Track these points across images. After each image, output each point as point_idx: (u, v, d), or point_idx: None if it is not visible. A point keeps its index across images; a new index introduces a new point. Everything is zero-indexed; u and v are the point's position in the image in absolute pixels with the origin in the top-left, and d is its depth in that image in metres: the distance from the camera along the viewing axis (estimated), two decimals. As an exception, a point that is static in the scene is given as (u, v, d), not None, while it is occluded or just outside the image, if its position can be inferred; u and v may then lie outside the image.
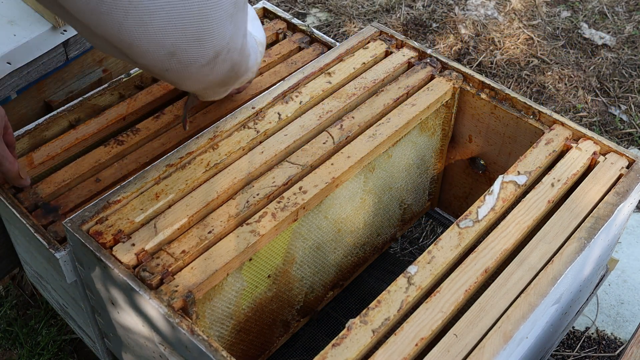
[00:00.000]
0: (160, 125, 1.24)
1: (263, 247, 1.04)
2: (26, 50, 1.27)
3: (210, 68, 0.93)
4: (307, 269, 1.20)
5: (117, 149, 1.20)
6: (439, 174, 1.42)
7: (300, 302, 1.23)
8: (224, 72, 0.97)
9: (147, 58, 0.87)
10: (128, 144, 1.21)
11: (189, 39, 0.85)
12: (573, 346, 1.53)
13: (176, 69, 0.90)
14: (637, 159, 1.12)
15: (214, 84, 1.01)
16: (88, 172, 1.17)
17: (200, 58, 0.89)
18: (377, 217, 1.31)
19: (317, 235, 1.16)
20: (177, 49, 0.86)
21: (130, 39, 0.83)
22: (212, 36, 0.87)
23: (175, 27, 0.83)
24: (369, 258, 1.38)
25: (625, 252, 1.70)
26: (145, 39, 0.83)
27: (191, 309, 0.93)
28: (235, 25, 0.91)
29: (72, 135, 1.22)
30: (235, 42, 0.94)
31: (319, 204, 1.10)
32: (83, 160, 1.18)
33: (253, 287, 1.09)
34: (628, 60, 2.27)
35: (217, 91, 1.10)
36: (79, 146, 1.22)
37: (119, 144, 1.20)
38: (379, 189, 1.26)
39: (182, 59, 0.88)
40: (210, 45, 0.89)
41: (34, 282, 1.41)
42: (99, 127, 1.23)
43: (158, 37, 0.83)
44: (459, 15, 2.44)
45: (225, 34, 0.89)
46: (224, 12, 0.86)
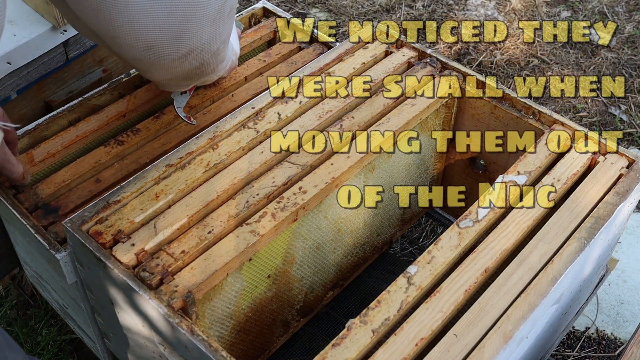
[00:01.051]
0: (160, 125, 1.24)
1: (263, 247, 1.04)
2: (26, 50, 1.27)
3: (181, 62, 0.98)
4: (307, 269, 1.20)
5: (118, 149, 1.20)
6: (439, 174, 1.42)
7: (300, 302, 1.23)
8: (191, 67, 1.02)
9: (125, 49, 0.92)
10: (128, 144, 1.21)
11: (169, 37, 0.91)
12: (573, 346, 1.53)
13: (150, 60, 0.95)
14: (637, 159, 1.12)
15: (179, 77, 1.06)
16: (88, 173, 1.17)
17: (174, 53, 0.95)
18: (377, 217, 1.31)
19: (317, 235, 1.16)
20: (156, 44, 0.91)
21: (115, 33, 0.88)
22: (190, 36, 0.93)
23: (159, 26, 0.88)
24: (369, 258, 1.38)
25: (625, 252, 1.70)
26: (130, 35, 0.88)
27: (191, 309, 0.93)
28: (216, 30, 0.96)
29: (72, 132, 1.22)
30: (211, 45, 0.99)
31: (318, 204, 1.10)
32: (83, 160, 1.18)
33: (253, 287, 1.09)
34: (628, 60, 2.27)
35: (180, 84, 1.13)
36: (79, 143, 1.22)
37: (119, 144, 1.20)
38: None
39: (158, 52, 0.93)
40: (187, 43, 0.94)
41: (34, 282, 1.41)
42: (99, 124, 1.23)
43: (142, 34, 0.88)
44: (459, 15, 2.44)
45: (203, 35, 0.95)
46: (207, 16, 0.91)
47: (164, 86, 1.15)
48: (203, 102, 1.29)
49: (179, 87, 1.16)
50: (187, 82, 1.12)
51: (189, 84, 1.15)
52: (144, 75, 1.06)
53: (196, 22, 0.90)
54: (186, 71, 1.03)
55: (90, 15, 0.86)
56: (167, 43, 0.91)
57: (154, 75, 1.04)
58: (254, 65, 1.37)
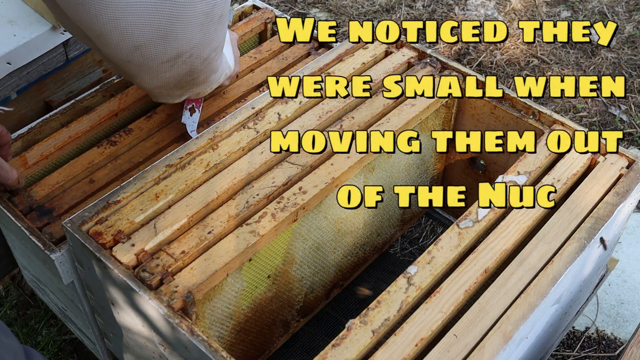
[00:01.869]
0: (153, 124, 1.24)
1: (263, 248, 1.04)
2: (26, 50, 1.27)
3: (170, 66, 0.97)
4: (307, 269, 1.20)
5: (110, 149, 1.20)
6: (438, 174, 1.42)
7: (300, 302, 1.23)
8: (181, 74, 1.01)
9: (112, 48, 0.91)
10: (121, 144, 1.21)
11: (155, 37, 0.90)
12: (573, 346, 1.53)
13: (137, 62, 0.94)
14: (637, 159, 1.12)
15: (170, 84, 1.04)
16: (82, 174, 1.17)
17: (162, 55, 0.94)
18: (377, 217, 1.31)
19: (317, 235, 1.16)
20: (142, 44, 0.90)
21: (100, 30, 0.87)
22: (177, 37, 0.92)
23: (145, 24, 0.87)
24: (369, 258, 1.38)
25: (625, 252, 1.70)
26: (115, 32, 0.87)
27: (191, 309, 0.93)
28: (206, 36, 0.95)
29: (65, 133, 1.21)
30: (201, 50, 0.98)
31: (318, 204, 1.10)
32: (76, 162, 1.18)
33: (253, 288, 1.09)
34: (628, 60, 2.27)
35: (172, 93, 1.10)
36: (72, 144, 1.21)
37: (112, 145, 1.20)
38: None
39: (145, 53, 0.92)
40: (175, 45, 0.93)
41: (33, 286, 1.41)
42: (92, 124, 1.23)
43: (127, 32, 0.88)
44: (459, 15, 2.44)
45: (191, 39, 0.94)
46: (194, 18, 0.90)
47: (156, 96, 1.12)
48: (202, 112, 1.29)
49: (172, 98, 1.12)
50: (178, 91, 1.09)
51: (181, 95, 1.12)
52: (134, 81, 1.04)
53: (183, 23, 0.90)
54: (176, 77, 1.01)
55: (75, 11, 0.85)
56: (154, 43, 0.90)
57: (144, 81, 1.02)
58: (245, 62, 1.37)
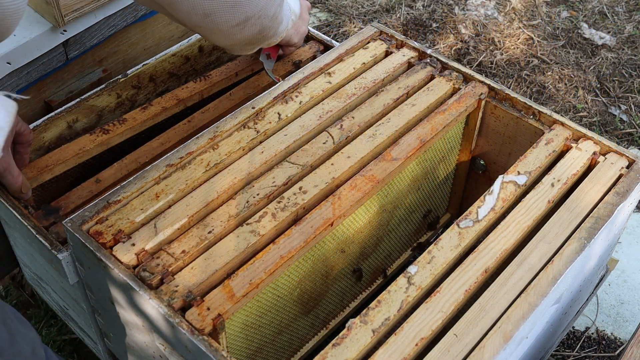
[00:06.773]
0: (147, 115, 1.26)
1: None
2: (26, 50, 1.27)
3: (240, 29, 1.04)
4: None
5: (103, 137, 1.21)
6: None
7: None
8: (252, 34, 1.08)
9: (183, 15, 0.99)
10: (113, 133, 1.22)
11: (224, 5, 0.98)
12: (573, 346, 1.53)
13: (209, 27, 1.02)
14: (637, 159, 1.12)
15: (242, 43, 1.12)
16: (72, 160, 1.18)
17: (232, 20, 1.01)
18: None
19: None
20: (212, 12, 0.98)
21: None
22: (245, 4, 1.00)
23: None
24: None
25: (625, 252, 1.70)
26: (186, 2, 0.96)
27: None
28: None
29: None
30: (268, 10, 1.06)
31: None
32: (67, 147, 1.19)
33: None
34: (628, 60, 2.27)
35: (244, 48, 1.17)
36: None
37: (105, 133, 1.22)
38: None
39: (215, 19, 1.00)
40: (243, 10, 1.01)
41: (34, 285, 1.41)
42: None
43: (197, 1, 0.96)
44: (459, 15, 2.44)
45: (258, 2, 1.02)
46: None
47: (230, 51, 1.19)
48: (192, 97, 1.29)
49: (244, 51, 1.19)
50: (250, 46, 1.16)
51: (254, 48, 1.19)
52: (208, 39, 1.13)
53: None
54: (247, 37, 1.08)
55: None
56: (223, 11, 0.98)
57: (217, 41, 1.10)
58: (246, 62, 1.37)
